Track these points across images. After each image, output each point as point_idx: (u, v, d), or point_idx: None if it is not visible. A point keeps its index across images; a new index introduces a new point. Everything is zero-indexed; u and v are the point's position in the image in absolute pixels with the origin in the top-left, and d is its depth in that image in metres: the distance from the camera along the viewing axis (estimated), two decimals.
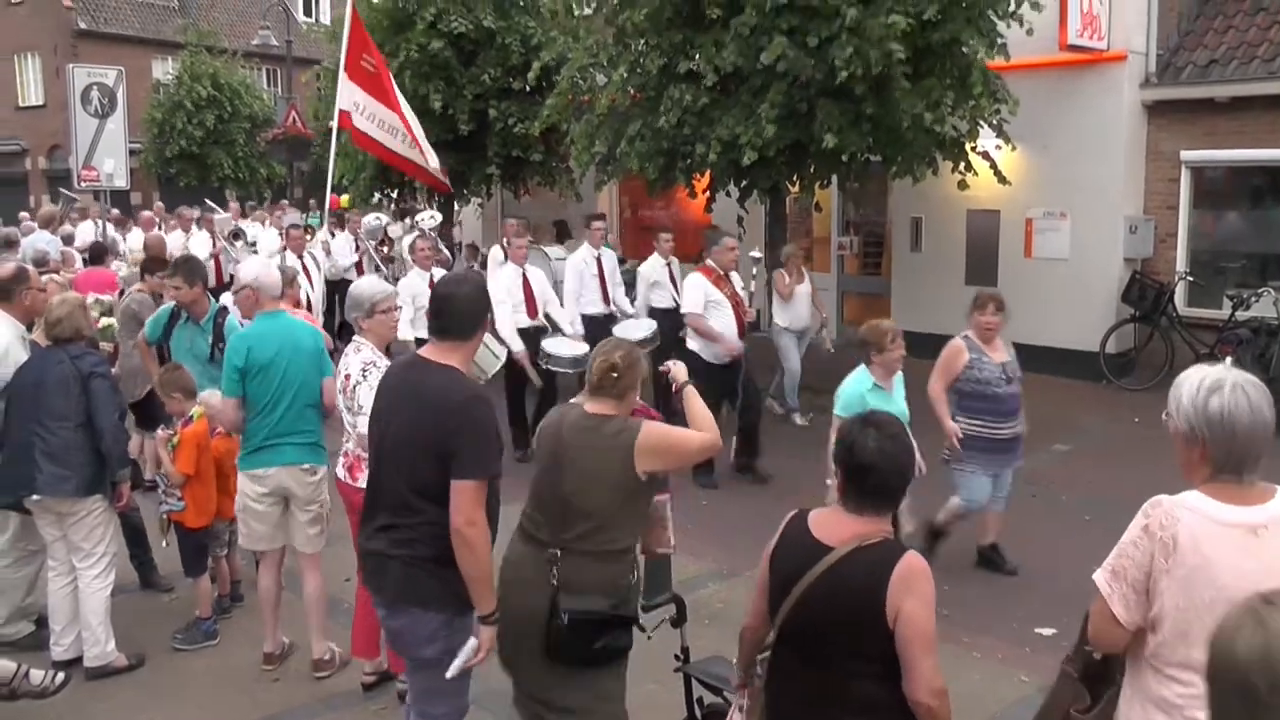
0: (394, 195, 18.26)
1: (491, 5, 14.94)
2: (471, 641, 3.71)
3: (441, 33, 14.47)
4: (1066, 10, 12.04)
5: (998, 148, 11.38)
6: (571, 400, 4.02)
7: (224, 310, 7.06)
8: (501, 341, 8.41)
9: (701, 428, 3.95)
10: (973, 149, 11.14)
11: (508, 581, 3.79)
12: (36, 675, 5.33)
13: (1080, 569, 6.12)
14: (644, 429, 3.76)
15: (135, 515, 6.58)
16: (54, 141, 31.75)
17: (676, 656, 4.22)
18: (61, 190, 16.17)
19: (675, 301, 10.24)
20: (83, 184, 14.12)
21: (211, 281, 10.98)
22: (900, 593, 2.85)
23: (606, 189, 15.29)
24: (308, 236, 13.24)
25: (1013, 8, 10.26)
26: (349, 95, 11.43)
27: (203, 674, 5.78)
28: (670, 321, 9.54)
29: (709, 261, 9.06)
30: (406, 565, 3.72)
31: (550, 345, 8.80)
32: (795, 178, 11.32)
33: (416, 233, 12.56)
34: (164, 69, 31.94)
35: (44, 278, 7.09)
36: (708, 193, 11.64)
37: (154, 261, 8.90)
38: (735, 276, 9.16)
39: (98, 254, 10.66)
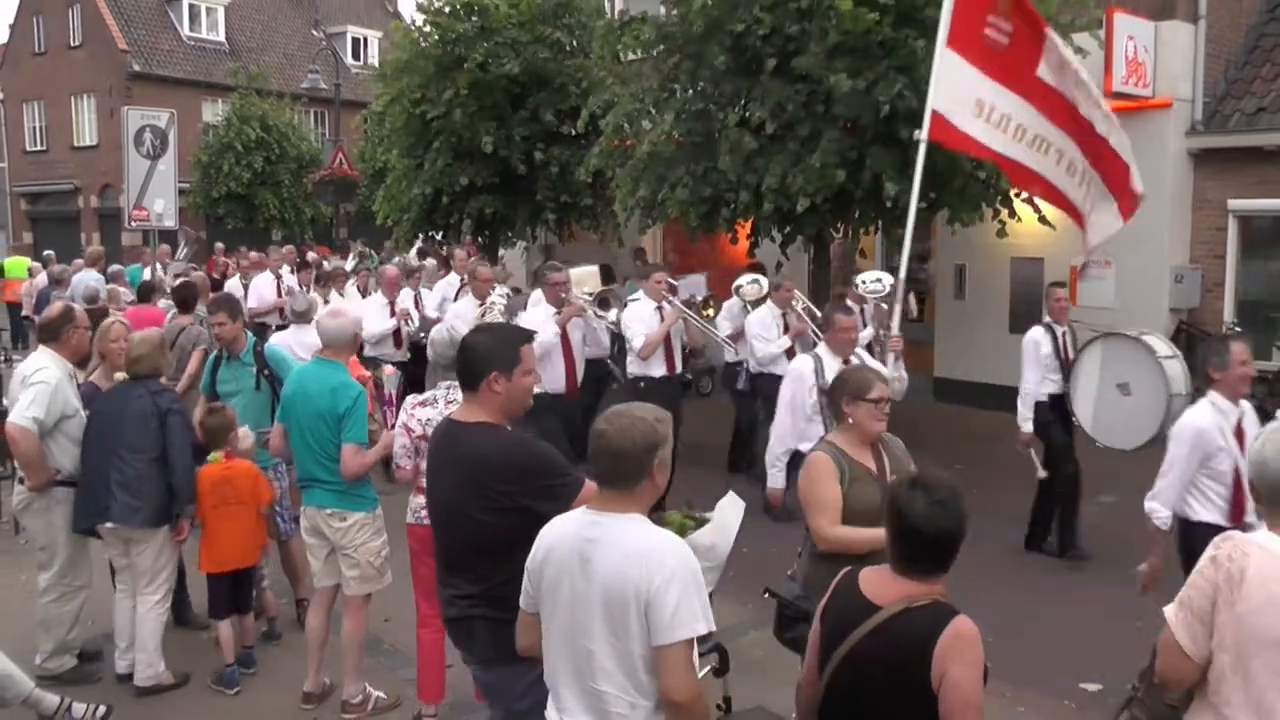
0: (439, 237, 18.16)
1: (546, 46, 15.03)
2: None
3: (491, 73, 14.57)
4: (1111, 57, 12.04)
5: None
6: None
7: (260, 339, 7.23)
8: None
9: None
10: (1016, 195, 11.09)
11: None
12: (79, 709, 5.43)
13: (1126, 622, 6.06)
14: None
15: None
16: (106, 180, 32.38)
17: (719, 706, 4.18)
18: (184, 229, 15.67)
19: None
20: (133, 223, 14.32)
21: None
22: (947, 657, 2.78)
23: (650, 232, 15.29)
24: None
25: None
26: (954, 85, 6.93)
27: (240, 711, 5.79)
28: None
29: None
30: (491, 624, 3.67)
31: None
32: (839, 224, 11.29)
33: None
34: (214, 111, 32.51)
35: (110, 316, 7.36)
36: (750, 238, 11.62)
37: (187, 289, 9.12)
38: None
39: (145, 292, 10.81)
